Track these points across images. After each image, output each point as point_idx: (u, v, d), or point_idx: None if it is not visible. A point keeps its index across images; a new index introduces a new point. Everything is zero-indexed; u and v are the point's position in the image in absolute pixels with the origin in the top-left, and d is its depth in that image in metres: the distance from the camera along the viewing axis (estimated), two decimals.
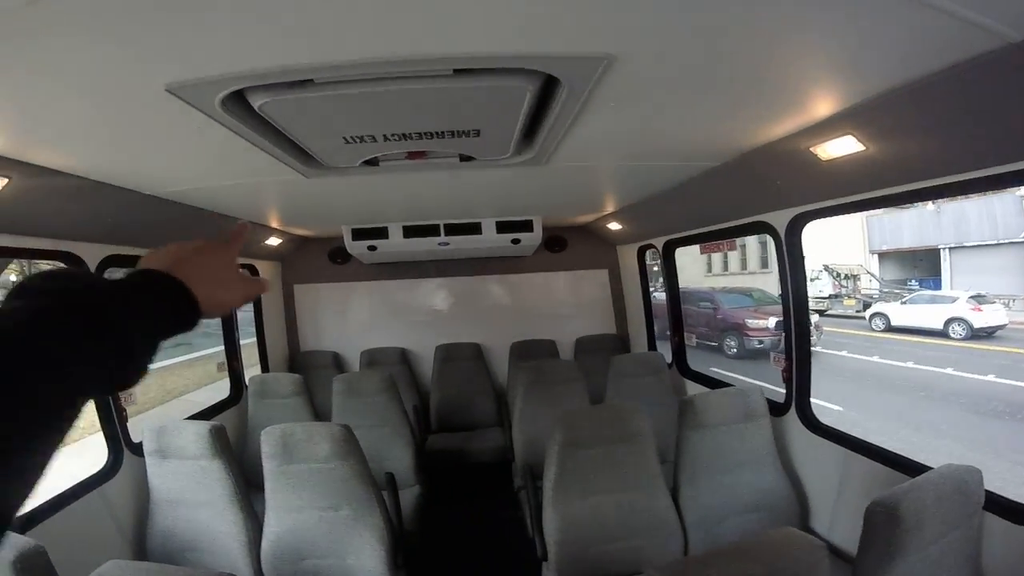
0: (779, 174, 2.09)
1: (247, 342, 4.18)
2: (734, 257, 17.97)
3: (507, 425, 3.72)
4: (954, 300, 10.65)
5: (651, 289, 4.47)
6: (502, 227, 3.60)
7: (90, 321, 0.44)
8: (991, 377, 7.78)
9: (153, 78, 1.09)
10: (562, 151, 1.84)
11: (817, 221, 2.42)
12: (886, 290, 13.58)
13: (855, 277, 14.52)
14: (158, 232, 2.53)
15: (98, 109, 1.26)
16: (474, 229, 3.59)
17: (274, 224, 3.55)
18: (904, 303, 11.41)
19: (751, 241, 16.76)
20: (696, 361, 3.99)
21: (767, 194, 2.37)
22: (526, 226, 3.61)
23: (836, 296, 14.14)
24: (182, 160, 1.79)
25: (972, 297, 10.41)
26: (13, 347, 0.39)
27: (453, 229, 3.59)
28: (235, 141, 1.51)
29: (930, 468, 1.81)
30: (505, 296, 4.89)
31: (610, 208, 3.51)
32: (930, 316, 10.32)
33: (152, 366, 0.50)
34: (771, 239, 2.58)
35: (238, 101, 1.23)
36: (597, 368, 4.06)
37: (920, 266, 13.66)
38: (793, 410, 2.58)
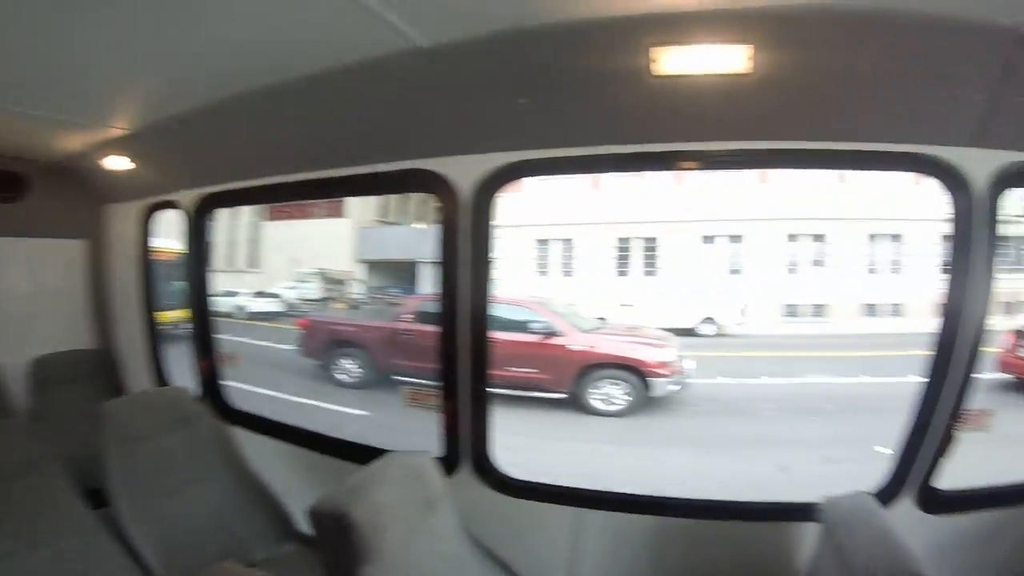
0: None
1: None
2: None
3: None
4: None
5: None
6: None
7: None
8: None
9: None
10: None
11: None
12: (373, 295, 15.23)
13: (344, 282, 15.58)
14: None
15: None
16: None
17: None
18: None
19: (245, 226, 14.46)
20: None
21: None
22: None
23: (326, 299, 14.76)
24: None
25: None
26: None
27: None
28: None
29: None
30: None
31: (121, 124, 1.88)
32: None
33: None
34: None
35: None
36: (73, 418, 2.27)
37: (403, 276, 16.11)
38: None
